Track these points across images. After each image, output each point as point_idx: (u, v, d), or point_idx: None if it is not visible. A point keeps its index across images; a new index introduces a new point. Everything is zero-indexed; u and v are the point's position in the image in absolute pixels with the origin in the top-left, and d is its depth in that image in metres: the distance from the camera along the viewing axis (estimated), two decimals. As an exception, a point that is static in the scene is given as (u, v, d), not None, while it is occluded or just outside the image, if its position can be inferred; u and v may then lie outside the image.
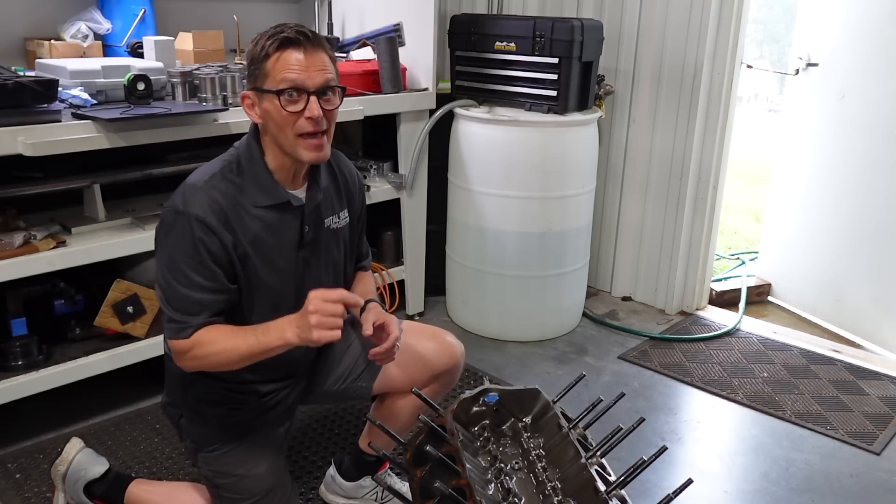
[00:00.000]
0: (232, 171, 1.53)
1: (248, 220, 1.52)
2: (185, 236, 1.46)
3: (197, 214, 1.45)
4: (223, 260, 1.49)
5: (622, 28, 3.22)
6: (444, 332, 1.86)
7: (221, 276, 1.49)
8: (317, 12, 3.22)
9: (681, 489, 1.26)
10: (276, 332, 1.44)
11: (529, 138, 2.83)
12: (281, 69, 1.45)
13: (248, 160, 1.54)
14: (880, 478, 2.21)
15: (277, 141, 1.51)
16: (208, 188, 1.49)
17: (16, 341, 2.17)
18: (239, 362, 1.48)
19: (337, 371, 1.84)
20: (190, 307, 1.47)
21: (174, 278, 1.47)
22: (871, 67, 2.96)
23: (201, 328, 1.48)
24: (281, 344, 1.44)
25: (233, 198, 1.50)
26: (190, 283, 1.47)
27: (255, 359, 1.48)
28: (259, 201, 1.53)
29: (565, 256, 2.99)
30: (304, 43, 1.45)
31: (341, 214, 1.70)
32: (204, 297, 1.48)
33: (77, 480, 1.81)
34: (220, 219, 1.47)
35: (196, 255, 1.46)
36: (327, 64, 1.49)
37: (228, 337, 1.48)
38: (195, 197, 1.47)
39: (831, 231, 3.22)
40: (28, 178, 2.21)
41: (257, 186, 1.53)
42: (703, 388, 2.70)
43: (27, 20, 2.62)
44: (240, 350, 1.46)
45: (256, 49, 1.48)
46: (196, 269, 1.47)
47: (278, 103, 1.45)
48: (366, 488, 1.97)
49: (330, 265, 1.69)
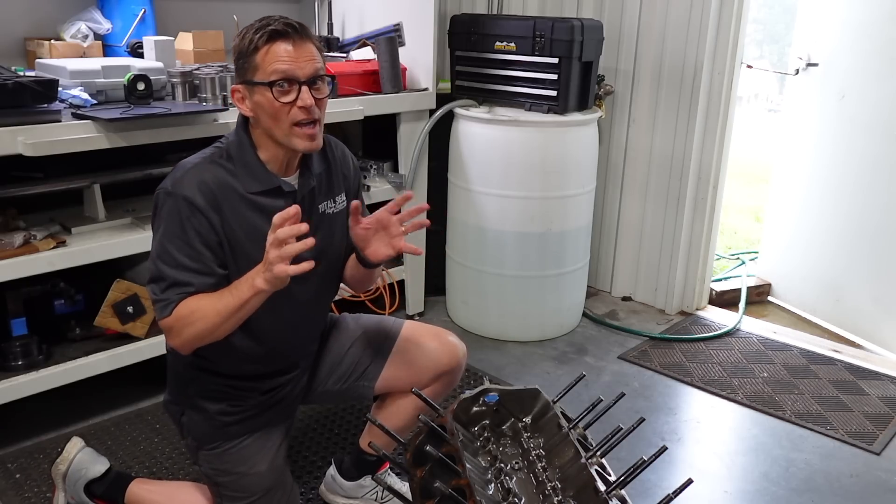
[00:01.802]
0: (223, 158, 1.54)
1: (238, 204, 1.52)
2: (174, 216, 1.47)
3: (185, 195, 1.46)
4: (211, 241, 1.49)
5: (622, 28, 3.22)
6: (446, 333, 1.86)
7: (209, 258, 1.49)
8: (317, 12, 3.22)
9: (681, 489, 1.26)
10: (247, 283, 1.42)
11: (529, 138, 2.83)
12: (271, 61, 1.46)
13: (238, 149, 1.55)
14: (880, 478, 2.21)
15: (270, 132, 1.52)
16: (198, 170, 1.51)
17: (16, 341, 2.17)
18: (222, 324, 1.45)
19: (339, 370, 1.84)
20: (173, 287, 1.46)
21: (160, 258, 1.48)
22: (871, 67, 2.96)
23: (180, 302, 1.46)
24: (253, 293, 1.40)
25: (223, 181, 1.51)
26: (176, 263, 1.47)
27: (236, 316, 1.44)
28: (250, 187, 1.54)
29: (565, 256, 2.99)
30: (293, 34, 1.47)
31: (337, 199, 1.70)
32: (189, 278, 1.47)
33: (77, 480, 1.81)
34: (209, 199, 1.48)
35: (183, 234, 1.46)
36: (315, 54, 1.51)
37: (205, 301, 1.46)
38: (184, 178, 1.49)
39: (831, 231, 3.22)
40: (28, 178, 2.21)
41: (248, 173, 1.54)
42: (703, 388, 2.70)
43: (27, 20, 2.62)
44: (217, 309, 1.43)
45: (244, 42, 1.48)
46: (182, 249, 1.47)
47: (270, 95, 1.47)
48: (366, 488, 1.97)
49: (326, 251, 1.67)
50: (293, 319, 1.67)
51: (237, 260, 1.54)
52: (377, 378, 1.83)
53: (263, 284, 1.39)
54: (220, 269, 1.52)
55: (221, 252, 1.52)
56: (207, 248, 1.49)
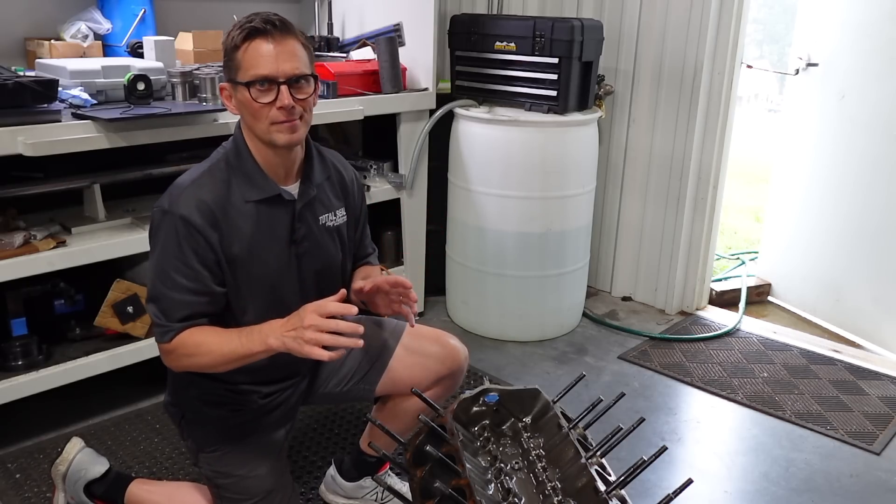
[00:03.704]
0: (220, 169, 1.53)
1: (237, 217, 1.51)
2: (171, 236, 1.46)
3: (182, 214, 1.45)
4: (209, 260, 1.48)
5: (622, 28, 3.22)
6: (448, 336, 1.86)
7: (207, 277, 1.48)
8: (317, 12, 3.21)
9: (681, 489, 1.26)
10: (260, 336, 1.42)
11: (529, 138, 2.83)
12: (250, 60, 1.45)
13: (236, 155, 1.55)
14: (880, 478, 2.21)
15: (253, 130, 1.51)
16: (195, 187, 1.49)
17: (16, 341, 2.17)
18: (223, 365, 1.47)
19: (340, 373, 1.84)
20: (171, 309, 1.46)
21: (158, 279, 1.47)
22: (871, 67, 2.96)
23: (184, 331, 1.47)
24: (263, 349, 1.42)
25: (221, 195, 1.50)
26: (173, 284, 1.46)
27: (239, 362, 1.46)
28: (249, 195, 1.53)
29: (565, 256, 2.99)
30: (272, 32, 1.44)
31: (338, 212, 1.70)
32: (186, 299, 1.47)
33: (77, 480, 1.81)
34: (207, 217, 1.47)
35: (180, 255, 1.46)
36: (297, 52, 1.48)
37: (212, 339, 1.46)
38: (181, 196, 1.48)
39: (831, 231, 3.22)
40: (28, 178, 2.21)
41: (246, 180, 1.53)
42: (703, 388, 2.70)
43: (27, 20, 2.62)
44: (222, 352, 1.45)
45: (228, 40, 1.48)
46: (179, 269, 1.46)
47: (248, 95, 1.46)
48: (366, 488, 1.97)
49: (325, 263, 1.67)
50: None
51: (237, 276, 1.53)
52: (378, 381, 1.83)
53: (278, 346, 1.39)
54: (218, 287, 1.51)
55: (219, 271, 1.50)
56: (205, 268, 1.48)
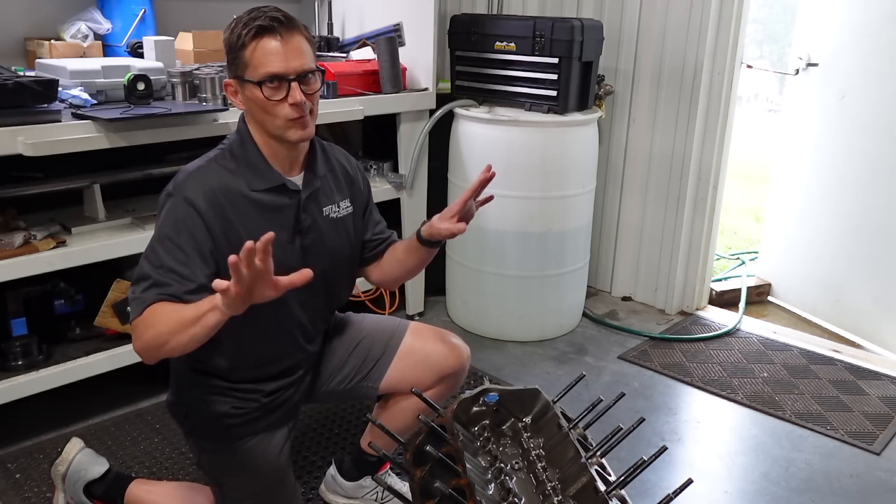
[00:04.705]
0: (226, 158, 1.54)
1: (243, 205, 1.51)
2: (170, 217, 1.46)
3: (186, 196, 1.45)
4: (205, 248, 1.45)
5: (622, 28, 3.22)
6: (450, 335, 1.86)
7: (198, 264, 1.43)
8: (317, 12, 3.22)
9: (681, 489, 1.26)
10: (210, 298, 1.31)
11: (529, 138, 2.83)
12: (259, 58, 1.45)
13: (241, 146, 1.55)
14: (880, 478, 2.21)
15: (264, 126, 1.52)
16: (201, 174, 1.50)
17: (16, 341, 2.17)
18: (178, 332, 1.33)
19: (343, 371, 1.84)
20: (152, 288, 1.40)
21: (147, 257, 1.45)
22: (871, 67, 2.96)
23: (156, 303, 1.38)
24: (210, 306, 1.28)
25: (227, 184, 1.50)
26: (160, 263, 1.42)
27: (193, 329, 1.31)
28: (255, 185, 1.53)
29: (565, 256, 2.99)
30: (279, 29, 1.45)
31: (342, 204, 1.70)
32: (169, 280, 1.41)
33: (77, 480, 1.81)
34: (212, 203, 1.47)
35: (176, 235, 1.44)
36: (304, 47, 1.49)
37: (169, 308, 1.37)
38: (187, 180, 1.48)
39: (831, 231, 3.22)
40: (28, 178, 2.20)
41: (252, 170, 1.54)
42: (703, 388, 2.70)
43: (27, 20, 2.62)
44: (178, 317, 1.33)
45: (233, 38, 1.48)
46: (171, 251, 1.42)
47: (260, 93, 1.46)
48: (366, 488, 1.98)
49: (332, 255, 1.67)
50: (297, 323, 1.67)
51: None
52: (381, 379, 1.83)
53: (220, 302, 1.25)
54: (205, 279, 1.42)
55: (213, 262, 1.46)
56: (199, 255, 1.44)
